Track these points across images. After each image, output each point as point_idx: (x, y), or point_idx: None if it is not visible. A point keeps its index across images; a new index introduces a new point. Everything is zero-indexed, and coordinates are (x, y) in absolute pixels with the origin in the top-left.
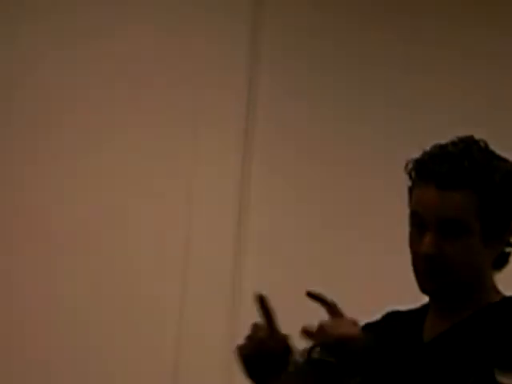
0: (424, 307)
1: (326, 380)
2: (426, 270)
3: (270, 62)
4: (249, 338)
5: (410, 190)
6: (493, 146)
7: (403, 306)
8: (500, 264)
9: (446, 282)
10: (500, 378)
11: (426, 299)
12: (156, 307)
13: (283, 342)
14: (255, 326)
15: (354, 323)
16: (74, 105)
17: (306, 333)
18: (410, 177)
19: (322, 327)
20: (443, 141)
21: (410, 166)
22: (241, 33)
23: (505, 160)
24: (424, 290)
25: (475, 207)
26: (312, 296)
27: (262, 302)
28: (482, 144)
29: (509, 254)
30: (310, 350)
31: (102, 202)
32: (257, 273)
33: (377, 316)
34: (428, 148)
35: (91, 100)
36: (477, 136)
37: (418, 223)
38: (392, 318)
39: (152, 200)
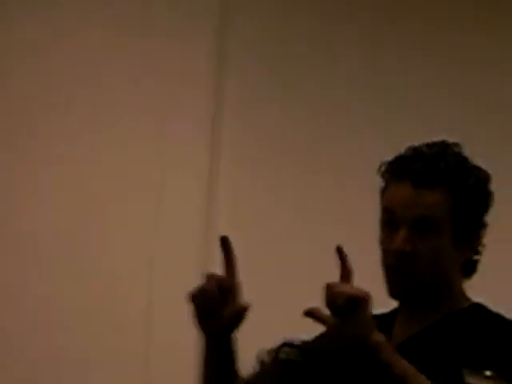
0: (394, 311)
1: (293, 380)
2: (396, 268)
3: (238, 60)
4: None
5: (383, 190)
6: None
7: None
8: (468, 271)
9: (415, 280)
10: (468, 378)
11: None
12: (124, 311)
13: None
14: (211, 280)
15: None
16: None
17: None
18: (383, 178)
19: (330, 286)
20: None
21: (384, 167)
22: (208, 32)
23: (478, 167)
24: (393, 292)
25: (449, 207)
26: (340, 252)
27: (226, 245)
28: (456, 148)
29: (477, 261)
30: (277, 350)
31: (67, 199)
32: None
33: None
34: (402, 151)
35: (57, 104)
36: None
37: (390, 221)
38: None
39: (119, 204)
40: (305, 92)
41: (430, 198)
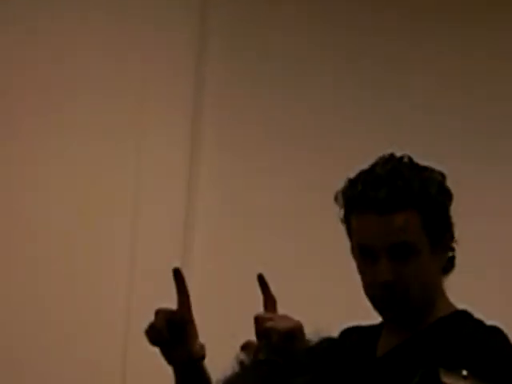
0: (381, 323)
1: (272, 381)
2: (386, 298)
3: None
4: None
5: (347, 221)
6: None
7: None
8: (447, 269)
9: (406, 305)
10: (444, 377)
11: None
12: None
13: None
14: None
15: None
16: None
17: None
18: (343, 208)
19: (260, 320)
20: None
21: (341, 198)
22: (189, 17)
23: (430, 169)
24: (386, 317)
25: (419, 225)
26: (262, 280)
27: (178, 277)
28: (406, 160)
29: (453, 257)
30: (256, 351)
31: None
32: (206, 271)
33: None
34: (353, 175)
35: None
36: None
37: (367, 254)
38: (349, 333)
39: (97, 195)
40: (291, 78)
41: (399, 221)
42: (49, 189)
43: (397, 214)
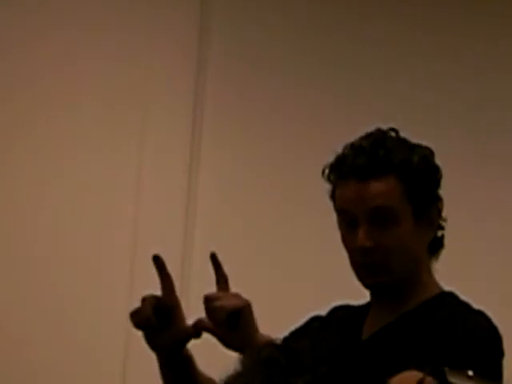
0: (369, 303)
1: (274, 380)
2: (365, 264)
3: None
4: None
5: (332, 194)
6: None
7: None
8: (435, 249)
9: (386, 272)
10: (451, 378)
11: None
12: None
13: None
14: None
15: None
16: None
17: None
18: (329, 181)
19: (208, 300)
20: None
21: (327, 171)
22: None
23: (418, 145)
24: (366, 285)
25: (401, 192)
26: (214, 259)
27: (159, 264)
28: (392, 133)
29: (442, 237)
30: (258, 350)
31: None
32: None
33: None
34: (339, 150)
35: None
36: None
37: (348, 221)
38: (336, 312)
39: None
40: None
41: (379, 187)
42: (49, 181)
43: (376, 180)
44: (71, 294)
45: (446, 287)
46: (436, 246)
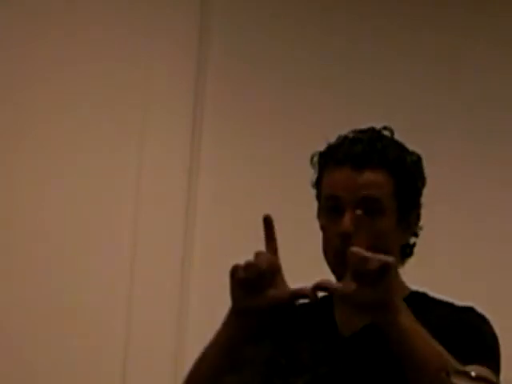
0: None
1: (275, 380)
2: (342, 250)
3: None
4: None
5: (318, 181)
6: None
7: None
8: (406, 254)
9: None
10: (454, 379)
11: None
12: (103, 306)
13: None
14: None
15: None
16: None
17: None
18: (318, 167)
19: (357, 252)
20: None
21: (316, 157)
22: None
23: (410, 150)
24: (338, 274)
25: (391, 187)
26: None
27: (268, 225)
28: (387, 131)
29: (414, 245)
30: (259, 349)
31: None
32: (206, 271)
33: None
34: (333, 140)
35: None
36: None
37: (335, 207)
38: (296, 313)
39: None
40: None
41: (372, 178)
42: (49, 181)
43: (370, 171)
44: (71, 294)
45: (443, 287)
46: (406, 252)
